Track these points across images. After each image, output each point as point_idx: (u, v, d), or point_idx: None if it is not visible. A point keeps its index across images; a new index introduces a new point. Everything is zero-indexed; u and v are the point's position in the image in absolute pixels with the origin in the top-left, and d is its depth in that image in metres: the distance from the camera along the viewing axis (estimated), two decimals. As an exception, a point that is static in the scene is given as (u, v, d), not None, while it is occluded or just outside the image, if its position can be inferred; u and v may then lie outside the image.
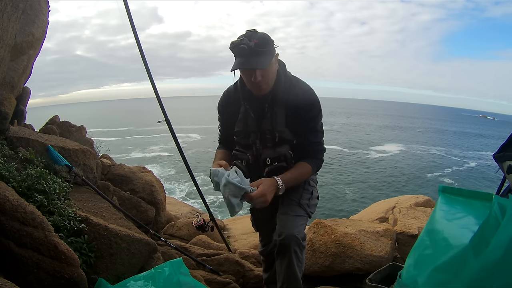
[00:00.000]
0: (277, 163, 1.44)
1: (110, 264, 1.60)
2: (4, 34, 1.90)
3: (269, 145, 1.45)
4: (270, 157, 1.44)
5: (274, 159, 1.44)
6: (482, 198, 0.98)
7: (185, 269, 1.52)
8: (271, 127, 1.42)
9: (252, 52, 1.26)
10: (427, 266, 0.94)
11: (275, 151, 1.44)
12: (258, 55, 1.28)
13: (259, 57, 1.28)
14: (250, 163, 1.49)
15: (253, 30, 1.32)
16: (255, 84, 1.34)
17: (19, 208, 1.26)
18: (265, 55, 1.30)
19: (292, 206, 1.52)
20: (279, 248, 1.42)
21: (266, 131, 1.43)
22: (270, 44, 1.32)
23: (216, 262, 2.55)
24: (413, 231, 2.72)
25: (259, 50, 1.27)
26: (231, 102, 1.52)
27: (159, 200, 3.02)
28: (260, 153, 1.47)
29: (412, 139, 38.71)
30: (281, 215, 1.50)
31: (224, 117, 1.59)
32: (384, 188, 17.27)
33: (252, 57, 1.27)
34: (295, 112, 1.40)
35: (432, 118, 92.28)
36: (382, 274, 1.88)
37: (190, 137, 35.28)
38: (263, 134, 1.45)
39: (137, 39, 2.08)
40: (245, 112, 1.48)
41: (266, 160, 1.45)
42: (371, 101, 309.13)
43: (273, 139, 1.43)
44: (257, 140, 1.47)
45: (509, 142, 1.23)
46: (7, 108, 2.22)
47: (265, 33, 1.33)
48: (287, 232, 1.40)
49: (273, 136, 1.43)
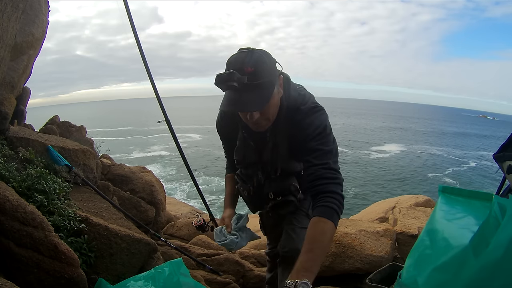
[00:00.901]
0: (281, 197, 1.32)
1: (110, 264, 1.60)
2: (4, 34, 1.90)
3: (272, 177, 1.30)
4: (273, 191, 1.31)
5: (277, 193, 1.31)
6: (482, 198, 0.98)
7: (185, 269, 1.52)
8: (271, 159, 1.26)
9: (245, 87, 0.99)
10: (427, 266, 0.94)
11: (279, 184, 1.30)
12: (253, 89, 1.00)
13: (254, 93, 1.01)
14: (251, 194, 1.37)
15: (249, 51, 1.04)
16: (253, 123, 1.12)
17: (19, 208, 1.26)
18: (263, 88, 1.02)
19: (299, 217, 1.41)
20: (282, 259, 1.40)
21: (268, 163, 1.27)
22: (270, 70, 1.06)
23: (216, 262, 2.55)
24: (413, 231, 2.72)
25: (255, 84, 1.00)
26: (228, 124, 1.32)
27: (159, 200, 3.02)
28: (262, 185, 1.33)
29: (412, 139, 38.70)
30: (287, 227, 1.41)
31: (225, 139, 1.44)
32: (384, 188, 17.26)
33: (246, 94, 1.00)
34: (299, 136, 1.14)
35: (432, 118, 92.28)
36: (382, 274, 1.88)
37: (191, 137, 35.27)
38: (265, 166, 1.29)
39: (137, 39, 2.09)
40: (243, 139, 1.29)
41: (269, 195, 1.32)
42: (371, 101, 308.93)
43: (275, 172, 1.28)
44: (259, 171, 1.32)
45: (509, 142, 1.23)
46: (7, 108, 2.22)
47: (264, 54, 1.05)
48: (291, 246, 1.33)
49: (275, 169, 1.28)
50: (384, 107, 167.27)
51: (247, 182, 1.37)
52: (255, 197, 1.38)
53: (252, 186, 1.35)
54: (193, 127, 42.91)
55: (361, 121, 62.63)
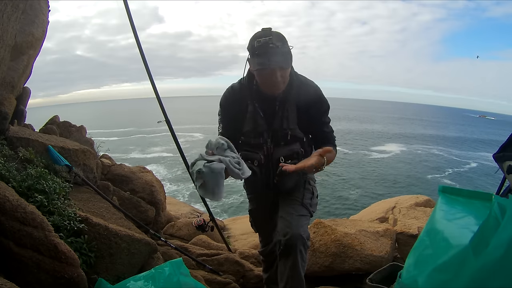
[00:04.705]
0: (290, 161, 1.44)
1: (110, 264, 1.60)
2: (4, 34, 1.90)
3: (281, 144, 1.45)
4: (283, 155, 1.45)
5: (287, 157, 1.45)
6: (482, 198, 0.98)
7: (185, 269, 1.52)
8: (283, 126, 1.43)
9: (277, 51, 1.26)
10: (427, 266, 0.94)
11: (288, 149, 1.45)
12: (282, 54, 1.28)
13: (283, 57, 1.28)
14: (262, 162, 1.48)
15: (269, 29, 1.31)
16: (275, 83, 1.33)
17: (19, 208, 1.26)
18: (288, 54, 1.31)
19: (295, 206, 1.51)
20: (284, 247, 1.41)
21: (278, 129, 1.43)
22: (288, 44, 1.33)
23: (216, 262, 2.55)
24: (413, 231, 2.72)
25: (283, 50, 1.28)
26: (237, 99, 1.49)
27: (159, 200, 3.02)
28: (272, 152, 1.46)
29: (413, 139, 38.70)
30: (284, 215, 1.48)
31: (228, 114, 1.54)
32: (384, 188, 17.27)
33: (277, 57, 1.27)
34: (306, 108, 1.43)
35: (433, 118, 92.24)
36: (382, 274, 1.88)
37: (193, 136, 35.29)
38: (275, 133, 1.44)
39: (137, 39, 2.09)
40: (254, 111, 1.45)
41: (280, 159, 1.45)
42: (371, 101, 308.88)
43: (285, 137, 1.44)
44: (269, 139, 1.46)
45: (509, 142, 1.23)
46: (7, 108, 2.23)
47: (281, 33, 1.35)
48: (293, 231, 1.39)
49: (285, 134, 1.43)
50: (385, 107, 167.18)
51: (258, 151, 1.48)
52: (265, 165, 1.48)
53: (262, 155, 1.47)
54: (196, 127, 42.94)
55: (361, 121, 62.59)
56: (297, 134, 1.45)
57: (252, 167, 1.44)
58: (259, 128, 1.45)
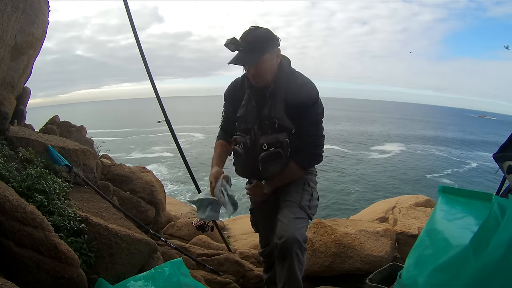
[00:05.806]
0: (273, 148, 1.49)
1: (110, 264, 1.60)
2: (4, 34, 1.90)
3: (267, 132, 1.51)
4: (266, 143, 1.50)
5: (270, 145, 1.50)
6: (482, 198, 0.98)
7: (185, 269, 1.52)
8: (270, 114, 1.49)
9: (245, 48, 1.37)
10: (427, 266, 0.94)
11: (272, 137, 1.50)
12: (250, 51, 1.38)
13: (251, 54, 1.38)
14: (248, 146, 1.55)
15: (255, 27, 1.41)
16: (252, 76, 1.45)
17: (19, 208, 1.26)
18: (256, 52, 1.38)
19: (292, 208, 1.50)
20: (280, 250, 1.41)
21: (266, 117, 1.50)
22: (266, 42, 1.41)
23: (216, 262, 2.55)
24: (413, 231, 2.72)
25: (251, 47, 1.38)
26: (238, 89, 1.60)
27: (159, 200, 3.02)
28: (258, 138, 1.52)
29: (413, 139, 38.67)
30: (281, 217, 1.48)
31: (229, 103, 1.66)
32: (384, 188, 17.25)
33: (244, 53, 1.38)
34: (294, 102, 1.47)
35: (433, 118, 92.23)
36: (382, 274, 1.88)
37: (193, 136, 35.25)
38: (263, 121, 1.51)
39: (137, 39, 2.09)
40: (248, 99, 1.55)
41: (263, 145, 1.50)
42: (372, 101, 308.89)
43: (272, 126, 1.49)
44: (256, 126, 1.53)
45: (509, 142, 1.23)
46: (7, 108, 2.23)
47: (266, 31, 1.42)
48: (288, 235, 1.39)
49: (272, 123, 1.48)
50: (385, 107, 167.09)
51: (245, 134, 1.56)
52: (251, 149, 1.54)
53: (249, 139, 1.55)
54: (196, 127, 42.92)
55: (361, 121, 62.54)
56: (285, 124, 1.48)
57: (237, 150, 1.57)
58: (249, 114, 1.54)
